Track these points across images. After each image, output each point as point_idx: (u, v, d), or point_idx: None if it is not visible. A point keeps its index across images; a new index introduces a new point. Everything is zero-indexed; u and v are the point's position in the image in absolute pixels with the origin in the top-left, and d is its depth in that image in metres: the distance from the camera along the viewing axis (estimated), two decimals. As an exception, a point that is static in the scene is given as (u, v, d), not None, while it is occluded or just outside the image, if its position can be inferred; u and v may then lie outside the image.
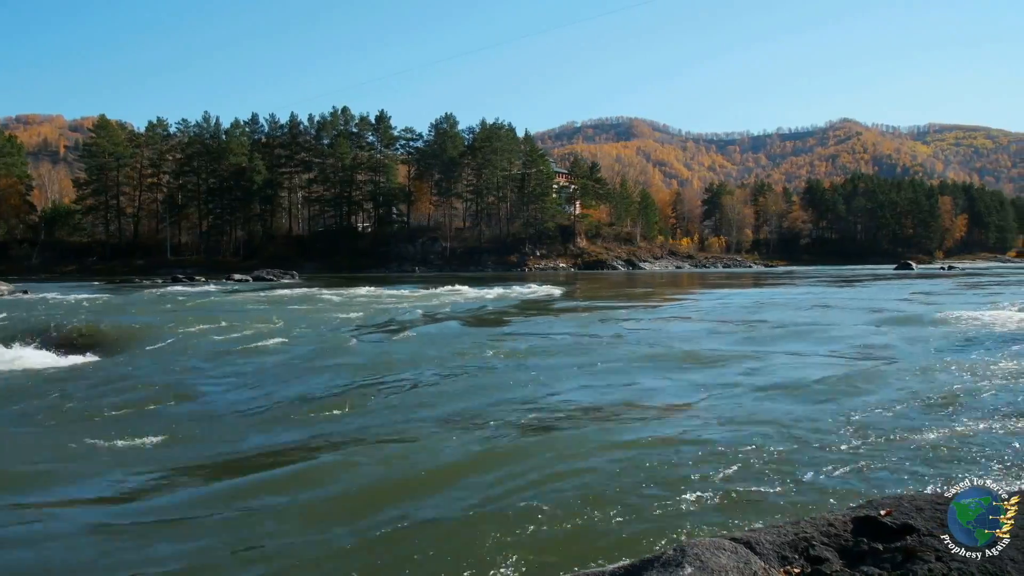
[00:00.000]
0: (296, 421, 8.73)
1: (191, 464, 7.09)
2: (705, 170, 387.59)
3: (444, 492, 5.58)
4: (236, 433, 8.37)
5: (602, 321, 19.96)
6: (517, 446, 6.91)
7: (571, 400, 9.25)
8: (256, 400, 10.18)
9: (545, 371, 11.29)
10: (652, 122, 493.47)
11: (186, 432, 8.41)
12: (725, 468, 5.80)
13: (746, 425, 7.30)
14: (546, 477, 5.72)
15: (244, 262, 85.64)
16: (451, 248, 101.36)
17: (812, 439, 6.64)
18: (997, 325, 16.25)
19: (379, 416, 8.68)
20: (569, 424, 7.79)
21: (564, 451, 6.47)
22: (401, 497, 5.41)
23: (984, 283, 41.50)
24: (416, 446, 7.05)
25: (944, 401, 8.27)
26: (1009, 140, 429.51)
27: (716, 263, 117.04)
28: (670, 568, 2.86)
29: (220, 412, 9.59)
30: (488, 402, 9.18)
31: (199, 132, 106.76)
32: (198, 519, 5.41)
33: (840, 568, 2.93)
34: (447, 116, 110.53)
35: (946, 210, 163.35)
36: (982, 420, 7.16)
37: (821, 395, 8.95)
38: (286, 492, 5.80)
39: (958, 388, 8.98)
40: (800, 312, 22.20)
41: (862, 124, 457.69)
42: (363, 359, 13.05)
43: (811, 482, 5.41)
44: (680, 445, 6.54)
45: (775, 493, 5.20)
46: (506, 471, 6.02)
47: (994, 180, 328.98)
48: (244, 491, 6.05)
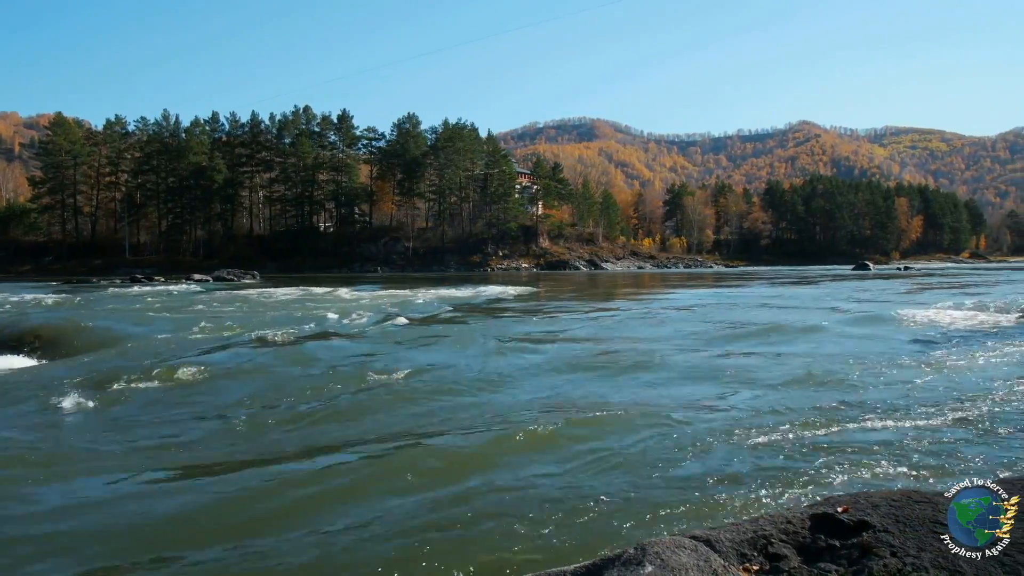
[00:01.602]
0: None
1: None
2: (667, 171, 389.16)
3: (397, 499, 5.55)
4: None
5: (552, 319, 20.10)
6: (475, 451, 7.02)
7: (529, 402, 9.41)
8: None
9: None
10: (614, 123, 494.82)
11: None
12: (684, 465, 5.97)
13: (707, 421, 7.51)
14: (506, 482, 5.76)
15: (204, 262, 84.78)
16: (414, 248, 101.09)
17: (773, 437, 6.85)
18: (947, 323, 16.73)
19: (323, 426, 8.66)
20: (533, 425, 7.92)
21: (529, 453, 6.54)
22: (357, 504, 5.35)
23: (938, 283, 42.30)
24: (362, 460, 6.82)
25: (898, 398, 8.55)
26: (963, 143, 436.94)
27: (677, 263, 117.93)
28: (631, 567, 2.90)
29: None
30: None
31: (158, 131, 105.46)
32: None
33: (798, 565, 2.99)
34: (410, 116, 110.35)
35: (902, 211, 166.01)
36: (934, 417, 7.41)
37: (783, 392, 9.15)
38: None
39: (912, 386, 9.32)
40: (756, 311, 22.51)
41: (821, 126, 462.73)
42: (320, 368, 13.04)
43: (768, 480, 5.52)
44: (648, 441, 6.72)
45: (735, 491, 5.30)
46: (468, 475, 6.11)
47: (948, 182, 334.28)
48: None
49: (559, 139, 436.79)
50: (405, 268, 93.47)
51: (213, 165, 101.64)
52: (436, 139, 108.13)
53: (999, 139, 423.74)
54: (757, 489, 5.28)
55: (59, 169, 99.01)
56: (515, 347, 13.60)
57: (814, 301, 26.85)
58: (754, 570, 2.96)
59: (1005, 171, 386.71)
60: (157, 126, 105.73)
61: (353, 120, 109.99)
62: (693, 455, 6.19)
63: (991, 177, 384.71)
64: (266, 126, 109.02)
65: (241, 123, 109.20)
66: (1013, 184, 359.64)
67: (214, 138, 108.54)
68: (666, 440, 6.69)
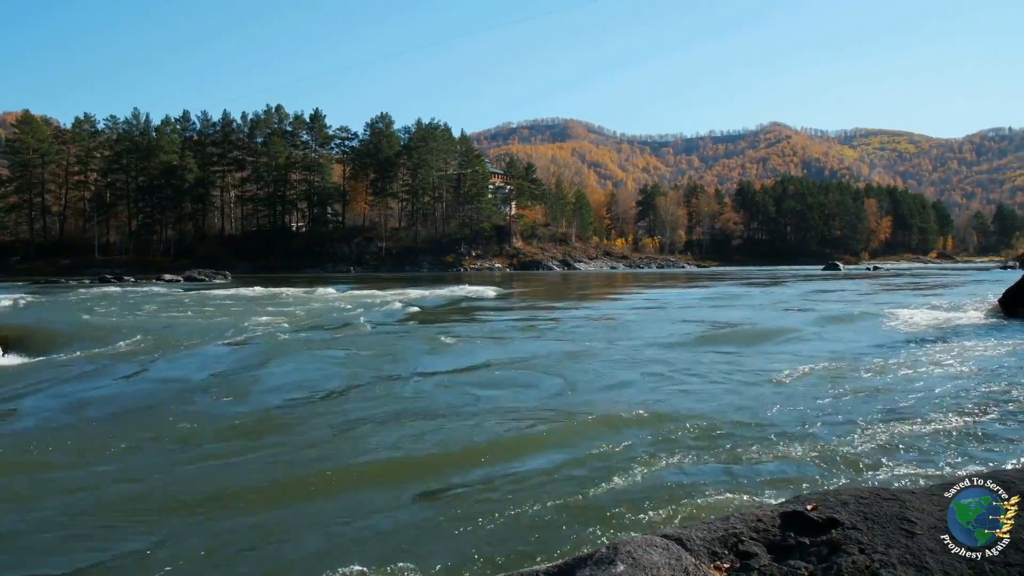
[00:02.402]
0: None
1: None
2: (639, 171, 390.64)
3: (364, 496, 5.57)
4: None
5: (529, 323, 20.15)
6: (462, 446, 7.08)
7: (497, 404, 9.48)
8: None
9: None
10: (587, 123, 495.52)
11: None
12: (655, 464, 6.01)
13: (676, 421, 7.62)
14: (478, 479, 5.82)
15: (175, 262, 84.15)
16: (387, 248, 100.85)
17: (741, 436, 6.98)
18: (917, 322, 16.98)
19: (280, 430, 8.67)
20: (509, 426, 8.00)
21: (500, 452, 6.61)
22: (325, 499, 5.34)
23: (907, 284, 42.78)
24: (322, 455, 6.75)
25: (866, 397, 8.71)
26: (931, 145, 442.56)
27: (650, 263, 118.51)
28: (603, 566, 2.90)
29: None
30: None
31: (128, 129, 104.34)
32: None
33: (768, 562, 3.00)
34: (383, 115, 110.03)
35: (872, 212, 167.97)
36: (904, 416, 7.57)
37: (753, 393, 9.30)
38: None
39: (881, 385, 9.49)
40: (730, 311, 22.70)
41: (792, 128, 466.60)
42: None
43: (740, 479, 5.60)
44: (611, 441, 6.81)
45: (706, 489, 5.34)
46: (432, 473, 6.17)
47: (916, 183, 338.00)
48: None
49: (532, 139, 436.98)
50: (378, 268, 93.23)
51: (184, 164, 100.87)
52: (409, 139, 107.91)
53: (965, 141, 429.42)
54: (729, 488, 5.35)
55: (26, 168, 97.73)
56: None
57: (791, 301, 27.12)
58: (725, 568, 2.97)
59: (971, 173, 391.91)
60: (127, 125, 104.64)
61: (326, 120, 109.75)
62: (662, 455, 6.26)
63: (958, 179, 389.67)
64: (238, 125, 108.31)
65: (212, 122, 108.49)
66: (979, 186, 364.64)
67: (185, 137, 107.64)
68: (637, 441, 6.78)
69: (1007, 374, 10.07)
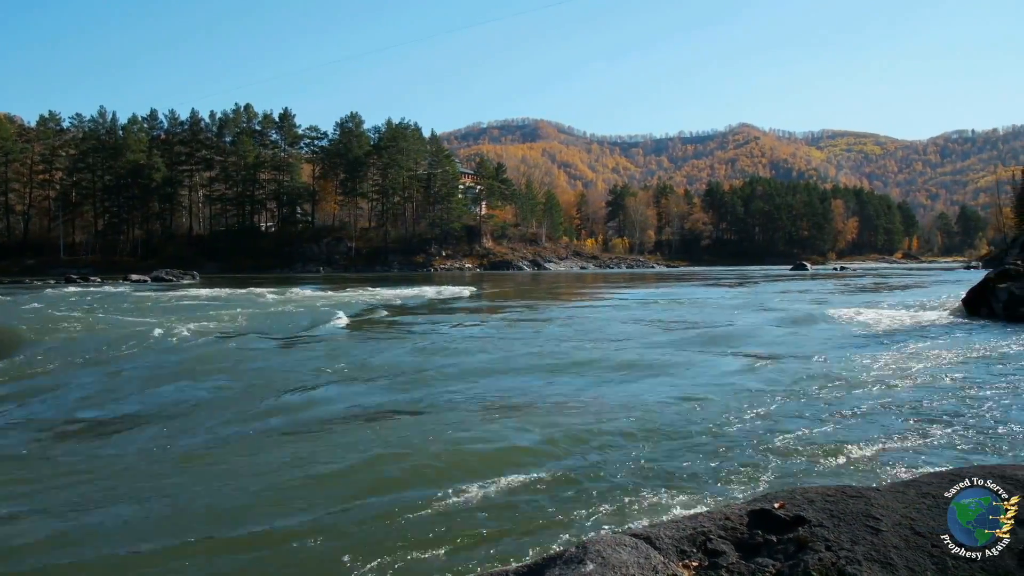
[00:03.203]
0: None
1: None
2: (609, 172, 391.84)
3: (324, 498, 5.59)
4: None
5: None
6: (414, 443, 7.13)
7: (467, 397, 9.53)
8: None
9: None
10: (557, 124, 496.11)
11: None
12: (623, 464, 6.08)
13: (644, 421, 7.71)
14: (447, 479, 5.84)
15: (142, 262, 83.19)
16: (357, 248, 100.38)
17: (708, 435, 7.09)
18: (881, 323, 17.23)
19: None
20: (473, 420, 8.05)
21: (470, 452, 6.68)
22: (273, 509, 5.27)
23: (872, 284, 43.30)
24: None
25: (830, 396, 8.87)
26: (896, 147, 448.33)
27: (620, 264, 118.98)
28: (572, 565, 2.90)
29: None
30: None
31: (94, 128, 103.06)
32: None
33: (736, 560, 3.00)
34: (352, 115, 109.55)
35: (838, 213, 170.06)
36: (868, 414, 7.72)
37: (719, 393, 9.42)
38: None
39: (846, 384, 9.65)
40: (701, 312, 22.89)
41: (760, 129, 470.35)
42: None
43: (709, 478, 5.67)
44: (580, 442, 6.90)
45: (673, 488, 5.40)
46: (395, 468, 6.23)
47: (882, 185, 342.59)
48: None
49: (503, 139, 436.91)
50: (348, 268, 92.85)
51: (151, 163, 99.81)
52: (379, 139, 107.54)
53: (930, 143, 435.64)
54: (699, 488, 5.43)
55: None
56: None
57: (759, 301, 27.37)
58: (693, 566, 2.98)
59: (936, 174, 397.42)
60: (93, 123, 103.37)
61: (295, 119, 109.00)
62: (631, 455, 6.33)
63: (922, 180, 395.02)
64: (206, 124, 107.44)
65: (180, 121, 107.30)
66: (943, 187, 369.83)
67: (152, 136, 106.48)
68: (603, 441, 6.86)
69: (968, 373, 10.27)
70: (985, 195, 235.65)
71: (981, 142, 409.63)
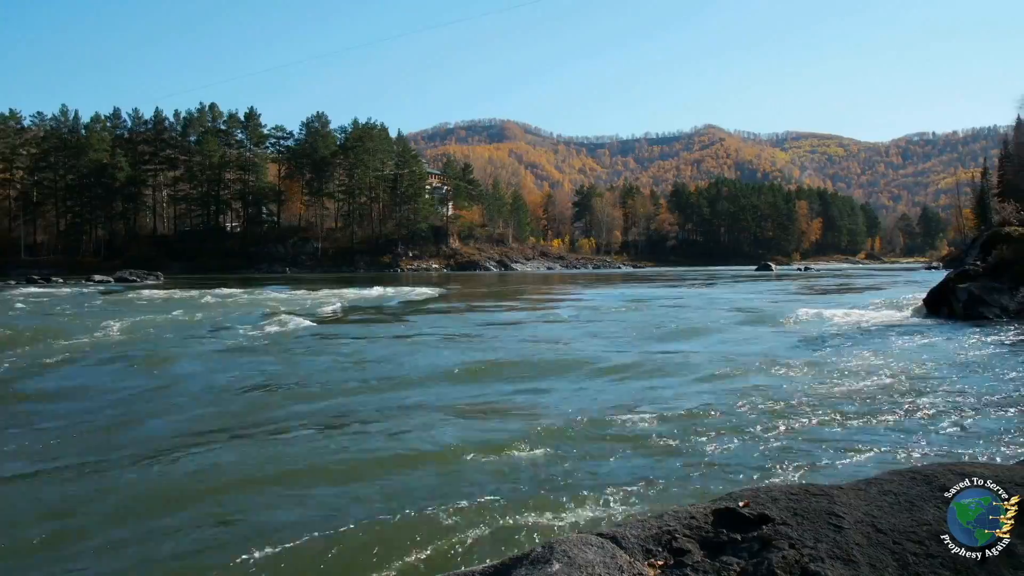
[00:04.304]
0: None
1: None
2: (576, 172, 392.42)
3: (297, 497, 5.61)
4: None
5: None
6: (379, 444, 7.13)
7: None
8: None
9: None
10: (524, 124, 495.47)
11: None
12: (587, 465, 6.13)
13: (607, 425, 7.76)
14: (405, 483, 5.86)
15: (106, 263, 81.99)
16: (323, 249, 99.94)
17: (677, 434, 7.15)
18: (843, 323, 17.47)
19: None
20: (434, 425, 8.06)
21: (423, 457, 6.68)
22: (245, 511, 5.28)
23: (836, 284, 43.80)
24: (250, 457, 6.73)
25: (792, 396, 8.98)
26: (859, 148, 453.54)
27: (586, 264, 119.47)
28: (539, 565, 2.90)
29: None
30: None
31: (56, 126, 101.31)
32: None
33: (701, 559, 3.00)
34: (319, 115, 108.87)
35: (803, 214, 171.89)
36: (826, 413, 7.83)
37: (680, 392, 9.51)
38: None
39: (812, 383, 9.77)
40: (672, 312, 23.03)
41: (725, 130, 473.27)
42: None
43: (674, 477, 5.73)
44: (542, 444, 6.94)
45: (640, 489, 5.43)
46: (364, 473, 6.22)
47: (845, 186, 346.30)
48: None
49: (469, 140, 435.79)
50: (314, 269, 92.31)
51: (115, 163, 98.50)
52: (346, 139, 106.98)
53: (892, 145, 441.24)
54: (664, 487, 5.48)
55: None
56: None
57: (726, 302, 27.60)
58: (659, 565, 2.99)
59: (898, 176, 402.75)
60: (55, 121, 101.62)
61: (261, 119, 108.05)
62: (593, 456, 6.39)
63: (885, 182, 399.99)
64: (170, 123, 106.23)
65: (144, 120, 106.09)
66: (905, 188, 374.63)
67: (116, 135, 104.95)
68: (571, 442, 6.91)
69: (927, 371, 10.46)
70: (946, 196, 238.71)
71: (942, 144, 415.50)
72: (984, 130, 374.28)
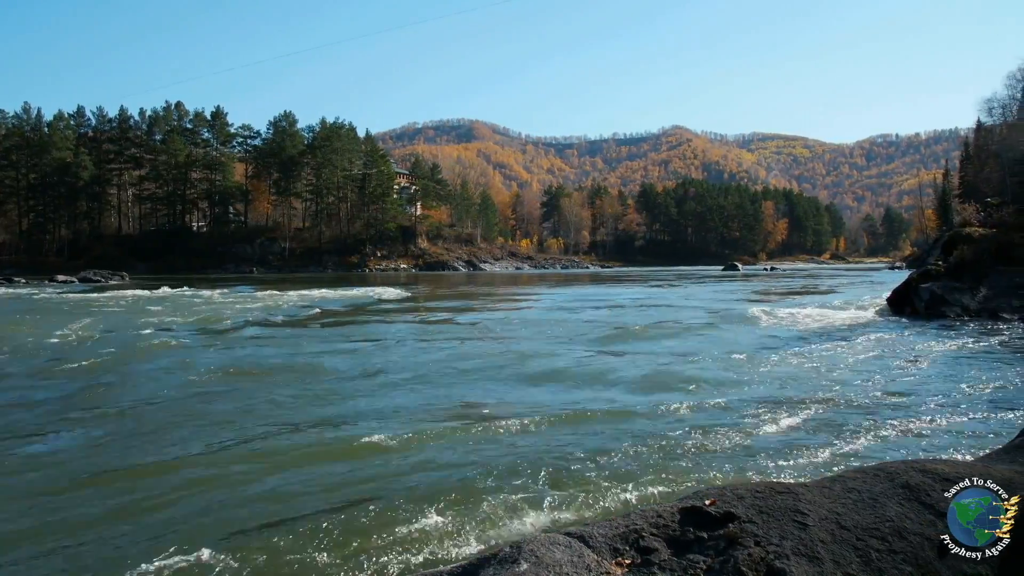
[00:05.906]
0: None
1: None
2: (544, 172, 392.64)
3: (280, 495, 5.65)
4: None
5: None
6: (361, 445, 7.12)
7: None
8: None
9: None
10: (492, 124, 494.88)
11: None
12: (556, 462, 6.17)
13: (575, 412, 7.82)
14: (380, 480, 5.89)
15: (70, 263, 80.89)
16: (290, 248, 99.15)
17: (644, 432, 7.23)
18: (809, 321, 17.69)
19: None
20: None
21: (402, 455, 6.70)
22: (220, 517, 5.23)
23: (802, 284, 44.23)
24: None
25: (757, 393, 9.10)
26: (824, 150, 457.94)
27: (555, 264, 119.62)
28: (507, 565, 2.93)
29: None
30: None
31: (18, 124, 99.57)
32: None
33: (668, 557, 3.04)
34: (286, 114, 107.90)
35: (769, 215, 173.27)
36: (792, 410, 7.94)
37: (656, 388, 9.61)
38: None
39: (779, 379, 9.90)
40: (640, 311, 23.13)
41: (692, 131, 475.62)
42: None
43: (643, 477, 5.75)
44: (513, 440, 6.99)
45: (606, 486, 5.48)
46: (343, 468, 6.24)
47: (811, 187, 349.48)
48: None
49: (438, 140, 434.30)
50: (282, 269, 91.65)
51: (78, 161, 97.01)
52: (313, 138, 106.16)
53: (856, 147, 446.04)
54: (636, 486, 5.51)
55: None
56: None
57: (695, 301, 27.80)
58: (626, 564, 3.02)
59: (862, 177, 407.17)
60: (16, 119, 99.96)
61: (228, 118, 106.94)
62: (565, 455, 6.42)
63: (849, 182, 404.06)
64: (135, 122, 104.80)
65: (109, 118, 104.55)
66: (869, 189, 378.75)
67: (80, 133, 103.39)
68: (539, 441, 6.97)
69: (890, 368, 10.65)
70: (908, 197, 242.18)
71: (905, 145, 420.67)
72: (946, 132, 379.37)
